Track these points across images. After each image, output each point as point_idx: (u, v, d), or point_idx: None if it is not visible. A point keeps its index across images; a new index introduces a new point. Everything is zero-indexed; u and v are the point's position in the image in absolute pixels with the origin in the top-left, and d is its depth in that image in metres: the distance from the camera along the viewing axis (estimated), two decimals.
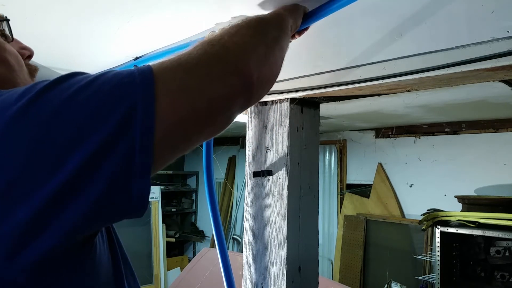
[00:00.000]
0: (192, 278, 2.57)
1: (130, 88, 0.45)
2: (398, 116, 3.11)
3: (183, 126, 0.48)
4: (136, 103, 0.44)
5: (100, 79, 0.45)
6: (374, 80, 0.82)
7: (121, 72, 0.47)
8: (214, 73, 0.52)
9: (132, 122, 0.43)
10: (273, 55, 0.64)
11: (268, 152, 1.04)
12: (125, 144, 0.43)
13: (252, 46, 0.59)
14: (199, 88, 0.50)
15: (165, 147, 0.47)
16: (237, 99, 0.55)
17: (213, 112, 0.52)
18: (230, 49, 0.56)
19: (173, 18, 1.12)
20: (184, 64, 0.51)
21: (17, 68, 0.62)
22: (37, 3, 1.01)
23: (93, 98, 0.43)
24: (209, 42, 0.56)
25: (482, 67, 0.67)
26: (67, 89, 0.44)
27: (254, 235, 1.06)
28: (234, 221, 5.22)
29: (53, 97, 0.43)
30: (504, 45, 0.64)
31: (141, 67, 0.49)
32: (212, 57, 0.53)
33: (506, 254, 2.49)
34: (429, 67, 0.73)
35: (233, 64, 0.54)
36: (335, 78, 0.89)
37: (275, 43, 0.66)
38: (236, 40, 0.58)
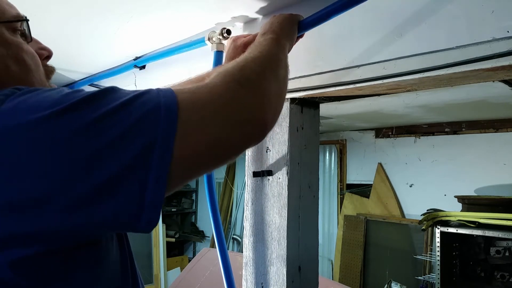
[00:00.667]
0: (192, 278, 2.57)
1: (153, 124, 0.46)
2: (398, 116, 3.11)
3: (196, 166, 0.50)
4: (156, 141, 0.45)
5: (130, 107, 0.46)
6: (374, 80, 0.82)
7: (149, 102, 0.47)
8: (239, 120, 0.52)
9: (150, 157, 0.45)
10: (282, 99, 0.66)
11: (268, 152, 1.04)
12: (141, 178, 0.44)
13: (273, 93, 0.60)
14: (223, 137, 0.50)
15: (176, 182, 0.48)
16: (251, 144, 0.57)
17: (228, 156, 0.53)
18: (257, 96, 0.56)
19: (173, 18, 1.12)
20: (210, 103, 0.51)
21: (34, 68, 0.61)
22: (37, 3, 1.01)
23: (117, 127, 0.44)
24: (238, 80, 0.55)
25: (482, 67, 0.67)
26: (97, 109, 0.45)
27: (254, 235, 1.06)
28: (234, 221, 5.22)
29: (82, 116, 0.44)
30: (504, 45, 0.64)
31: (168, 98, 0.48)
32: (242, 102, 0.53)
33: (506, 254, 2.49)
34: (429, 67, 0.73)
35: (259, 113, 0.55)
36: (335, 78, 0.89)
37: (284, 83, 0.68)
38: (262, 84, 0.58)
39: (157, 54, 1.38)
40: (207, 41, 1.08)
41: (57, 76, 1.73)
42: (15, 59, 0.58)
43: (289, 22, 0.81)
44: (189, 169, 0.49)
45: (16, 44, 0.60)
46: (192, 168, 0.50)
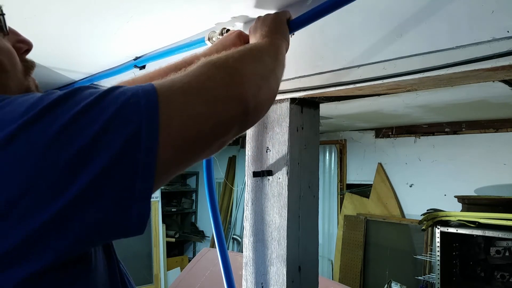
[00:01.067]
0: (192, 278, 2.57)
1: (135, 111, 0.45)
2: (398, 116, 3.11)
3: (184, 150, 0.49)
4: (140, 128, 0.44)
5: (105, 100, 0.45)
6: (374, 80, 0.82)
7: (126, 92, 0.46)
8: (218, 99, 0.53)
9: (135, 147, 0.43)
10: (268, 84, 0.66)
11: (268, 152, 1.04)
12: (128, 169, 0.43)
13: (253, 74, 0.60)
14: (205, 112, 0.50)
15: (164, 170, 0.47)
16: (235, 125, 0.56)
17: (214, 136, 0.53)
18: (233, 76, 0.57)
19: (173, 18, 1.12)
20: (190, 86, 0.51)
21: (10, 68, 0.57)
22: (37, 3, 1.01)
23: (97, 121, 0.43)
24: (214, 64, 0.56)
25: (482, 67, 0.67)
26: (72, 107, 0.43)
27: (254, 235, 1.06)
28: (234, 221, 5.22)
29: (57, 117, 0.42)
30: (504, 45, 0.64)
31: (145, 87, 0.48)
32: (218, 82, 0.54)
33: (506, 254, 2.49)
34: (429, 67, 0.73)
35: (236, 91, 0.55)
36: (335, 78, 0.89)
37: (272, 72, 0.68)
38: (239, 66, 0.59)
39: (157, 54, 1.38)
40: (207, 41, 1.08)
41: (57, 76, 1.73)
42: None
43: (280, 22, 0.82)
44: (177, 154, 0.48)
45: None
46: (180, 152, 0.48)
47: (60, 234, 0.41)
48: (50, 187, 0.40)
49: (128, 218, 0.44)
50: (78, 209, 0.41)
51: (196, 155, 0.52)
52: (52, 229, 0.40)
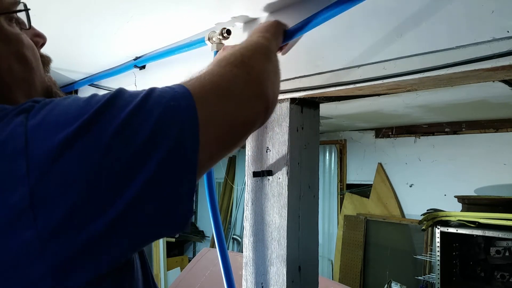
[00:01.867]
0: (192, 278, 2.57)
1: (176, 115, 0.46)
2: (398, 116, 3.11)
3: (217, 149, 0.51)
4: (183, 131, 0.45)
5: (149, 103, 0.45)
6: (374, 80, 0.82)
7: (164, 95, 0.47)
8: (246, 97, 0.55)
9: (180, 151, 0.44)
10: (277, 80, 0.69)
11: (268, 152, 1.04)
12: (174, 172, 0.44)
13: (268, 72, 0.64)
14: (235, 112, 0.53)
15: (201, 170, 0.48)
16: (260, 120, 0.59)
17: (244, 132, 0.56)
18: (253, 75, 0.59)
19: (173, 18, 1.12)
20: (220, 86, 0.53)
21: (35, 65, 0.56)
22: (37, 3, 1.01)
23: (146, 124, 0.43)
24: (233, 63, 0.58)
25: (482, 67, 0.67)
26: (119, 112, 0.43)
27: (254, 235, 1.06)
28: (234, 221, 5.22)
29: (109, 122, 0.42)
30: (504, 45, 0.64)
31: (179, 90, 0.49)
32: (243, 81, 0.56)
33: (506, 254, 2.49)
34: (429, 67, 0.73)
35: (259, 89, 0.58)
36: (335, 78, 0.89)
37: (278, 68, 0.72)
38: (255, 65, 0.61)
39: (157, 54, 1.38)
40: (207, 41, 1.08)
41: (57, 76, 1.73)
42: (16, 56, 0.53)
43: (275, 24, 0.85)
44: (213, 153, 0.50)
45: (15, 38, 0.54)
46: (214, 152, 0.50)
47: (118, 239, 0.41)
48: (107, 193, 0.40)
49: (175, 219, 0.45)
50: (133, 213, 0.41)
51: (226, 153, 0.54)
52: (110, 235, 0.40)
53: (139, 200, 0.41)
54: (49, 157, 0.38)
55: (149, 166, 0.42)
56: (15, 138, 0.39)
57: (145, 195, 0.42)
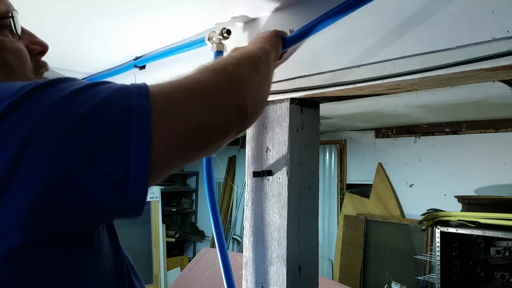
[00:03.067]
0: (192, 278, 2.57)
1: (125, 98, 0.45)
2: (398, 116, 3.11)
3: (180, 145, 0.49)
4: (130, 113, 0.44)
5: (95, 88, 0.45)
6: (374, 80, 0.82)
7: (117, 84, 0.47)
8: (219, 103, 0.54)
9: (125, 131, 0.44)
10: (263, 90, 0.69)
11: (268, 152, 1.04)
12: (118, 151, 0.43)
13: (251, 82, 0.62)
14: (203, 113, 0.51)
15: (161, 162, 0.47)
16: (233, 129, 0.57)
17: (212, 138, 0.54)
18: (234, 83, 0.58)
19: (173, 18, 1.12)
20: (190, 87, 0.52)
21: (17, 68, 0.59)
22: (37, 3, 1.01)
23: (88, 103, 0.43)
24: (214, 70, 0.57)
25: (482, 67, 0.67)
26: (61, 90, 0.44)
27: (254, 235, 1.06)
28: (234, 221, 5.22)
29: (47, 97, 0.43)
30: (504, 45, 0.64)
31: (137, 84, 0.49)
32: (219, 87, 0.55)
33: (506, 254, 2.49)
34: (429, 67, 0.73)
35: (236, 98, 0.57)
36: (335, 78, 0.89)
37: (266, 79, 0.71)
38: (239, 73, 0.61)
39: (157, 54, 1.38)
40: (207, 41, 1.08)
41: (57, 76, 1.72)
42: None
43: (273, 34, 0.86)
44: (173, 147, 0.48)
45: None
46: (176, 146, 0.49)
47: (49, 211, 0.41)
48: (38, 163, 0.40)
49: (124, 199, 0.44)
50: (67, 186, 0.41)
51: (193, 152, 0.53)
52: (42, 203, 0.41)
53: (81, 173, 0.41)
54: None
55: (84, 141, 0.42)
56: None
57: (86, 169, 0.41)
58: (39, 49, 0.65)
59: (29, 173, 0.40)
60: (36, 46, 0.64)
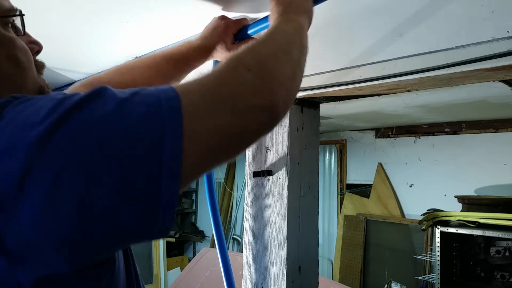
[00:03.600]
0: (192, 278, 2.57)
1: (157, 118, 0.43)
2: (398, 116, 3.11)
3: (208, 158, 0.47)
4: (164, 136, 0.42)
5: (127, 105, 0.43)
6: (374, 80, 0.82)
7: (147, 99, 0.45)
8: (249, 108, 0.49)
9: (158, 155, 0.42)
10: (296, 84, 0.61)
11: (268, 152, 1.04)
12: (151, 177, 0.42)
13: (285, 76, 0.56)
14: (233, 123, 0.48)
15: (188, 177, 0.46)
16: (262, 134, 0.54)
17: (241, 145, 0.51)
18: (266, 82, 0.52)
19: (173, 18, 1.12)
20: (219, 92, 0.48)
21: (27, 66, 0.58)
22: (37, 4, 1.01)
23: (121, 126, 0.42)
24: (246, 66, 0.52)
25: (482, 67, 0.67)
26: (95, 110, 0.42)
27: (254, 235, 1.06)
28: (234, 221, 5.22)
29: (83, 120, 0.41)
30: (504, 45, 0.64)
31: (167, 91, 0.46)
32: (249, 88, 0.50)
33: (506, 254, 2.49)
34: (429, 67, 0.73)
35: (267, 99, 0.52)
36: (335, 78, 0.89)
37: (299, 68, 0.62)
38: (272, 68, 0.55)
39: None
40: None
41: (57, 76, 1.73)
42: (7, 56, 0.55)
43: (309, 5, 0.72)
44: (201, 162, 0.47)
45: (8, 40, 0.56)
46: (205, 160, 0.47)
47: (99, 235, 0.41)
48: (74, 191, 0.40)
49: (153, 225, 0.43)
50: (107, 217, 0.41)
51: (221, 162, 0.51)
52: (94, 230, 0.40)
53: (112, 203, 0.40)
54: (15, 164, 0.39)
55: (119, 168, 0.41)
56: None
57: (117, 199, 0.41)
58: (37, 49, 0.64)
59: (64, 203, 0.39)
60: (33, 45, 0.63)
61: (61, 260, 0.40)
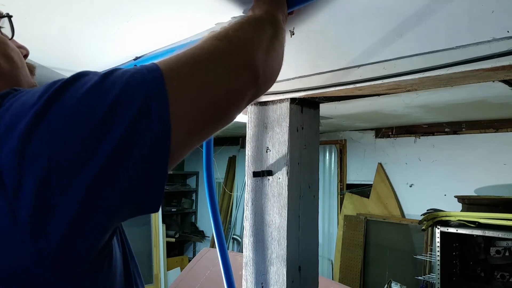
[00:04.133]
0: (192, 278, 2.57)
1: (141, 85, 0.45)
2: (398, 116, 3.11)
3: (200, 120, 0.49)
4: (150, 98, 0.44)
5: (110, 78, 0.45)
6: (374, 80, 0.82)
7: (129, 70, 0.47)
8: (227, 67, 0.54)
9: (147, 119, 0.43)
10: (274, 49, 0.67)
11: (268, 152, 1.04)
12: (142, 142, 0.43)
13: (256, 41, 0.61)
14: (215, 81, 0.51)
15: (182, 142, 0.47)
16: (248, 91, 0.57)
17: (229, 104, 0.54)
18: (237, 44, 0.58)
19: (173, 18, 1.12)
20: (196, 58, 0.52)
21: (20, 65, 0.61)
22: (38, 4, 1.01)
23: (106, 98, 0.43)
24: (216, 37, 0.57)
25: (482, 67, 0.67)
26: (80, 87, 0.44)
27: (254, 235, 1.06)
28: (234, 221, 5.22)
29: (69, 97, 0.43)
30: (504, 45, 0.64)
31: (148, 65, 0.49)
32: (224, 51, 0.55)
33: (506, 254, 2.49)
34: (429, 67, 0.73)
35: (243, 58, 0.57)
36: (335, 78, 0.89)
37: (274, 38, 0.69)
38: (241, 35, 0.60)
39: (157, 54, 1.38)
40: None
41: (57, 76, 1.72)
42: (3, 55, 0.58)
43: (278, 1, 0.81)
44: (194, 124, 0.48)
45: (1, 40, 0.59)
46: (196, 122, 0.49)
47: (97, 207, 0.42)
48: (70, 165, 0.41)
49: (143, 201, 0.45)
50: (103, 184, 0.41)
51: (213, 125, 0.53)
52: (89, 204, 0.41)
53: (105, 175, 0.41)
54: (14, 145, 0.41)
55: (110, 138, 0.42)
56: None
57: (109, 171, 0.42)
58: (24, 53, 0.67)
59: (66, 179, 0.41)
60: (22, 50, 0.66)
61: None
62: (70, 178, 0.40)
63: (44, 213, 0.40)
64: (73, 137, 0.41)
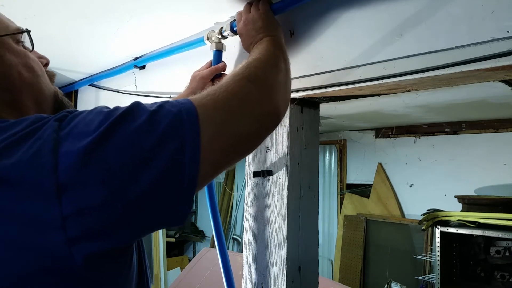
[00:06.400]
0: (192, 278, 2.57)
1: (178, 131, 0.51)
2: (398, 116, 3.11)
3: (222, 163, 0.57)
4: (184, 146, 0.50)
5: (156, 117, 0.51)
6: (374, 80, 0.82)
7: (171, 111, 0.52)
8: (255, 116, 0.60)
9: (180, 162, 0.50)
10: (288, 89, 0.75)
11: (268, 152, 1.04)
12: (175, 180, 0.50)
13: (279, 84, 0.68)
14: (245, 130, 0.58)
15: (204, 180, 0.54)
16: (267, 135, 0.65)
17: (250, 147, 0.62)
18: (265, 91, 0.64)
19: (173, 18, 1.12)
20: (231, 104, 0.57)
21: (41, 74, 0.66)
22: (38, 4, 1.01)
23: (152, 135, 0.50)
24: (246, 78, 0.63)
25: (482, 67, 0.67)
26: (133, 121, 0.50)
27: (254, 235, 1.06)
28: (234, 221, 5.22)
29: (125, 129, 0.49)
30: (504, 45, 0.64)
31: (186, 105, 0.54)
32: (254, 99, 0.61)
33: (506, 254, 2.49)
34: (429, 67, 0.73)
35: (271, 105, 0.63)
36: (335, 78, 0.89)
37: (288, 76, 0.76)
38: (268, 79, 0.66)
39: (157, 54, 1.38)
40: (206, 40, 1.08)
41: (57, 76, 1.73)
42: (25, 66, 0.63)
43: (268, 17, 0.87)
44: (216, 167, 0.55)
45: (23, 53, 0.64)
46: (219, 165, 0.56)
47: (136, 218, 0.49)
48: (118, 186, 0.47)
49: (175, 216, 0.52)
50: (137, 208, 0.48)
51: (231, 163, 0.59)
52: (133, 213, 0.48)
53: (143, 198, 0.48)
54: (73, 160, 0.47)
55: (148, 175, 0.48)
56: (48, 140, 0.48)
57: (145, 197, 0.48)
58: (45, 62, 0.72)
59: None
60: (42, 60, 0.71)
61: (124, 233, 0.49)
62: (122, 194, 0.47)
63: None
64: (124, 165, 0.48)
